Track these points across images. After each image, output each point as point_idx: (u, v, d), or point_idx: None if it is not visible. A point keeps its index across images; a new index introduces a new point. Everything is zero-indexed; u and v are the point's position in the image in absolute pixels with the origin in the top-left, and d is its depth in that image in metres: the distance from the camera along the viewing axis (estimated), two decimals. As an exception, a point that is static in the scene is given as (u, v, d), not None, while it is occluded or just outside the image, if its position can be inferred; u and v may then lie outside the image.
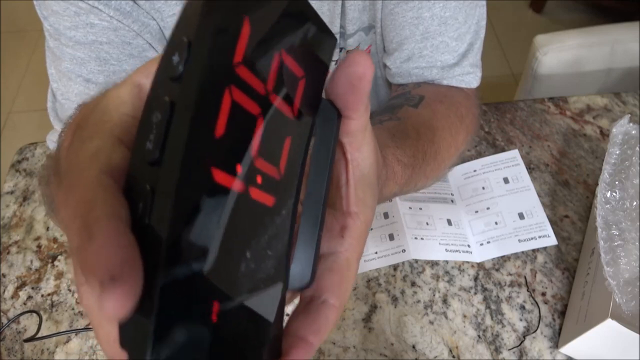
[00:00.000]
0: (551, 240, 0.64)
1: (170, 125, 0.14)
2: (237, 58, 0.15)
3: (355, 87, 0.19)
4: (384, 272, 0.62)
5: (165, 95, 0.14)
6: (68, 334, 0.58)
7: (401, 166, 0.43)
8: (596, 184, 0.64)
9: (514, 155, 0.72)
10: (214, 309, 0.15)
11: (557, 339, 0.57)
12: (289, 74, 0.18)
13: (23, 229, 0.68)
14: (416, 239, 0.64)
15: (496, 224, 0.66)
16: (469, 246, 0.64)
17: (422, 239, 0.64)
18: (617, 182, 0.55)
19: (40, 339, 0.57)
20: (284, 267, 0.19)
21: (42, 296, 0.62)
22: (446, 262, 0.63)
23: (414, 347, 0.57)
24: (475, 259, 0.63)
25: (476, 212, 0.67)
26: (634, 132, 0.58)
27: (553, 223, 0.65)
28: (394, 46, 0.57)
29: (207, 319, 0.15)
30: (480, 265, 0.63)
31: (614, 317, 0.47)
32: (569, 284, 0.61)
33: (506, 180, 0.70)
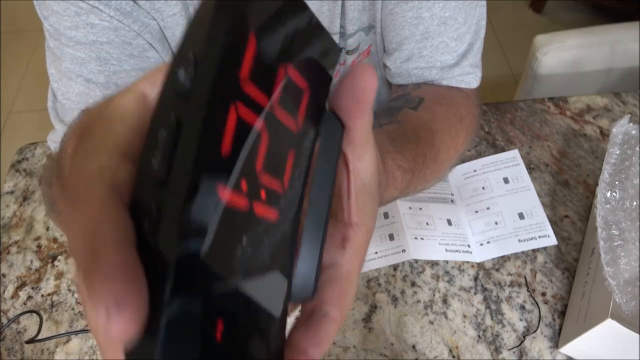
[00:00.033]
0: (551, 240, 0.64)
1: (176, 143, 0.14)
2: (243, 73, 0.15)
3: (359, 100, 0.19)
4: (384, 272, 0.62)
5: (172, 112, 0.14)
6: (69, 335, 0.58)
7: (401, 171, 0.43)
8: (596, 184, 0.64)
9: (514, 155, 0.72)
10: (219, 327, 0.15)
11: (557, 339, 0.57)
12: (294, 86, 0.18)
13: (23, 229, 0.68)
14: (416, 239, 0.64)
15: (496, 224, 0.66)
16: (469, 246, 0.64)
17: (422, 239, 0.64)
18: (617, 182, 0.55)
19: (42, 340, 0.57)
20: (287, 280, 0.19)
21: (42, 296, 0.62)
22: (446, 262, 0.63)
23: (414, 347, 0.57)
24: (475, 259, 0.63)
25: (476, 212, 0.67)
26: (634, 132, 0.58)
27: (553, 223, 0.65)
28: (393, 46, 0.57)
29: (211, 339, 0.15)
30: (480, 265, 0.63)
31: (614, 317, 0.47)
32: (569, 284, 0.61)
33: (506, 180, 0.70)
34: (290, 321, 0.20)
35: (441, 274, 0.62)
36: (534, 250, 0.64)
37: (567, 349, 0.55)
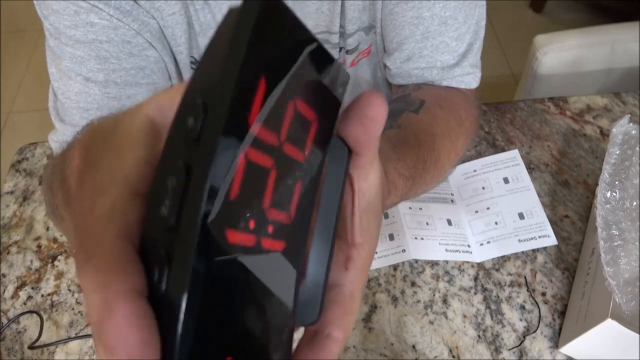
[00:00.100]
0: (551, 240, 0.64)
1: (185, 192, 0.14)
2: (252, 118, 0.15)
3: (367, 129, 0.19)
4: (384, 272, 0.62)
5: (180, 159, 0.14)
6: (71, 341, 0.58)
7: (402, 179, 0.43)
8: (596, 184, 0.64)
9: (514, 155, 0.72)
10: None
11: (557, 339, 0.57)
12: (303, 119, 0.18)
13: (23, 229, 0.68)
14: (416, 239, 0.64)
15: (496, 224, 0.66)
16: (469, 246, 0.64)
17: (422, 239, 0.64)
18: (617, 182, 0.55)
19: (44, 346, 0.57)
20: (293, 304, 0.19)
21: (42, 296, 0.62)
22: (446, 262, 0.63)
23: (414, 347, 0.57)
24: (475, 259, 0.63)
25: (476, 212, 0.67)
26: (634, 132, 0.58)
27: (553, 223, 0.65)
28: (394, 46, 0.57)
29: None
30: (480, 265, 0.63)
31: (614, 317, 0.47)
32: (569, 284, 0.61)
33: (506, 180, 0.70)
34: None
35: (441, 274, 0.62)
36: (534, 250, 0.64)
37: (567, 349, 0.55)
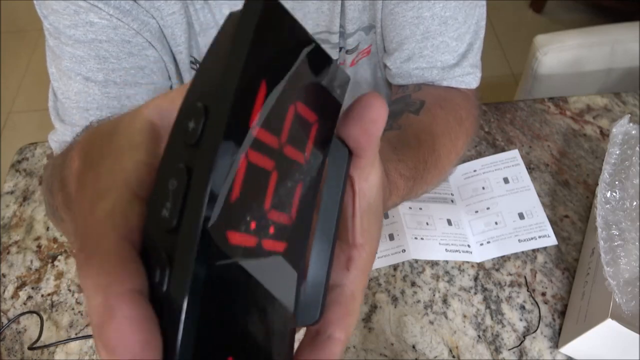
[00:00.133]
0: (551, 240, 0.64)
1: (187, 194, 0.14)
2: (253, 121, 0.15)
3: (368, 130, 0.19)
4: (384, 272, 0.62)
5: (181, 162, 0.15)
6: (71, 341, 0.58)
7: (403, 180, 0.43)
8: (596, 184, 0.64)
9: (514, 155, 0.72)
10: None
11: (557, 339, 0.57)
12: (303, 121, 0.18)
13: (23, 229, 0.68)
14: (416, 239, 0.64)
15: (496, 224, 0.66)
16: (469, 246, 0.64)
17: (422, 239, 0.64)
18: (617, 182, 0.55)
19: (44, 347, 0.57)
20: (294, 304, 0.19)
21: (42, 296, 0.62)
22: (446, 262, 0.63)
23: (414, 347, 0.57)
24: (475, 259, 0.63)
25: (476, 212, 0.67)
26: (634, 132, 0.58)
27: (553, 223, 0.65)
28: (394, 46, 0.57)
29: None
30: (480, 265, 0.63)
31: (614, 317, 0.46)
32: (569, 284, 0.61)
33: (506, 180, 0.69)
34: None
35: (441, 274, 0.62)
36: (534, 250, 0.64)
37: (567, 349, 0.55)
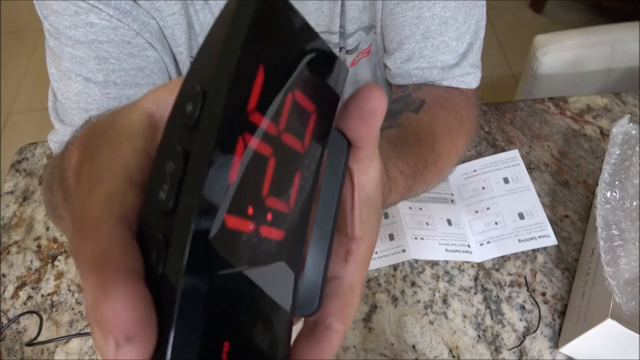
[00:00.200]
0: (551, 240, 0.64)
1: (184, 176, 0.14)
2: (251, 105, 0.15)
3: (367, 121, 0.19)
4: (384, 272, 0.62)
5: (179, 144, 0.15)
6: (70, 338, 0.58)
7: (403, 177, 0.43)
8: (596, 184, 0.64)
9: (514, 155, 0.72)
10: (224, 349, 0.15)
11: (557, 339, 0.57)
12: (301, 110, 0.18)
13: (23, 229, 0.68)
14: (416, 239, 0.64)
15: (496, 224, 0.66)
16: (469, 246, 0.64)
17: (422, 239, 0.64)
18: (617, 182, 0.55)
19: (42, 343, 0.57)
20: (292, 295, 0.19)
21: (42, 296, 0.62)
22: (446, 262, 0.63)
23: (414, 347, 0.57)
24: (475, 259, 0.63)
25: (476, 212, 0.67)
26: (634, 132, 0.58)
27: (553, 223, 0.65)
28: (394, 46, 0.57)
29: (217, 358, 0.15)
30: (480, 265, 0.63)
31: (614, 317, 0.47)
32: (569, 284, 0.61)
33: (506, 180, 0.70)
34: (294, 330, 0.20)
35: (441, 274, 0.62)
36: (534, 250, 0.64)
37: (567, 349, 0.55)
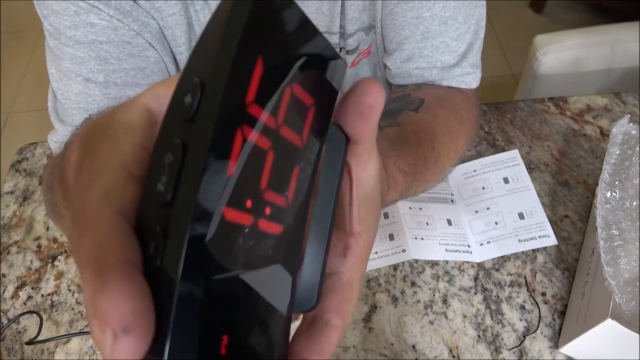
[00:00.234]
0: (551, 240, 0.64)
1: (182, 168, 0.14)
2: (250, 97, 0.15)
3: (365, 116, 0.19)
4: (384, 272, 0.62)
5: (177, 136, 0.15)
6: (69, 337, 0.58)
7: (402, 175, 0.43)
8: (596, 184, 0.64)
9: (514, 155, 0.72)
10: (223, 342, 0.15)
11: (557, 339, 0.57)
12: (300, 104, 0.18)
13: (23, 229, 0.68)
14: (416, 239, 0.64)
15: (496, 224, 0.66)
16: (469, 246, 0.64)
17: (422, 239, 0.64)
18: (617, 182, 0.55)
19: (42, 342, 0.57)
20: (291, 288, 0.19)
21: (42, 296, 0.62)
22: (446, 262, 0.63)
23: (414, 347, 0.57)
24: (475, 259, 0.63)
25: (476, 212, 0.67)
26: (634, 132, 0.58)
27: (553, 223, 0.65)
28: (394, 46, 0.57)
29: (216, 353, 0.15)
30: (480, 265, 0.63)
31: (614, 317, 0.47)
32: (569, 284, 0.61)
33: (506, 180, 0.70)
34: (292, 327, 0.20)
35: (441, 274, 0.62)
36: (534, 250, 0.64)
37: (567, 349, 0.55)
